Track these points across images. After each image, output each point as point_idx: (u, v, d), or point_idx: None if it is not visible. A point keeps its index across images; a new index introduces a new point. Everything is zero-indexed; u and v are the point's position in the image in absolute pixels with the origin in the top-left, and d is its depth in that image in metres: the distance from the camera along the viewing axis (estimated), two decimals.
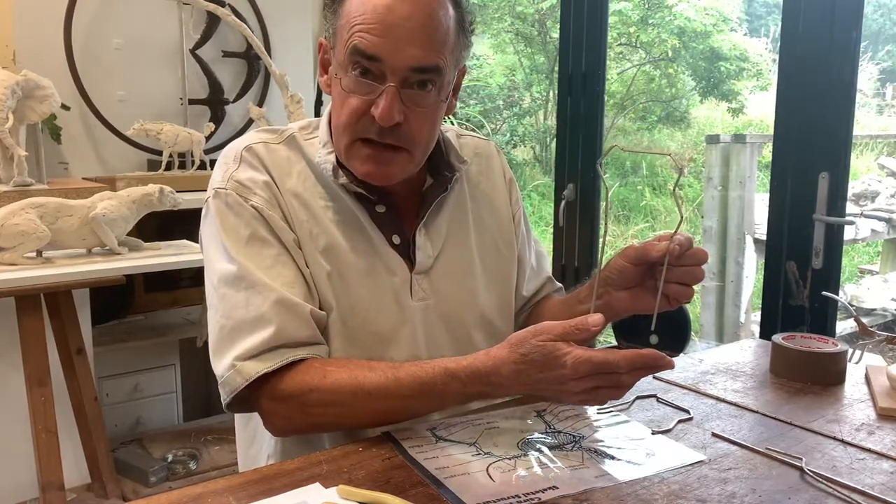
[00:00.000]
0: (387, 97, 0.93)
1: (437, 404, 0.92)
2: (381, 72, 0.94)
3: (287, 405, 0.93)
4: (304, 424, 0.96)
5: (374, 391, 0.90)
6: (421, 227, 1.07)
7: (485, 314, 1.12)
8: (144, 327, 2.87)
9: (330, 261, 1.01)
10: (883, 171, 5.70)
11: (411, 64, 0.94)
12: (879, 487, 0.80)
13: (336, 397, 0.91)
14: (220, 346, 0.96)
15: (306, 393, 0.92)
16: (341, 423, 0.96)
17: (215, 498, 0.77)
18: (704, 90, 8.65)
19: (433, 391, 0.89)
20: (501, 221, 1.18)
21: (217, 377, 0.96)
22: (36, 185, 2.31)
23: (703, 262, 0.97)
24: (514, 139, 8.42)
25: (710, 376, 1.16)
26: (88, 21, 2.68)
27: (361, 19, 0.93)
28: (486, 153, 1.20)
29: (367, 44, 0.93)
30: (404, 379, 0.90)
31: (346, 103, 0.97)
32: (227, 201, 1.00)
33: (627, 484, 0.81)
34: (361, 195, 1.04)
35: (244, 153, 1.03)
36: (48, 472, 2.04)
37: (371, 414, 0.92)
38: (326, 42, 1.02)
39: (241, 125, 3.05)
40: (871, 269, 5.77)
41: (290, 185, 1.03)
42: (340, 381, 0.91)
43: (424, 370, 0.90)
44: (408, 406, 0.91)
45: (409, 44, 0.93)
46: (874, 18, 9.19)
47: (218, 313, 0.97)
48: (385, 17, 0.92)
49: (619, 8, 7.82)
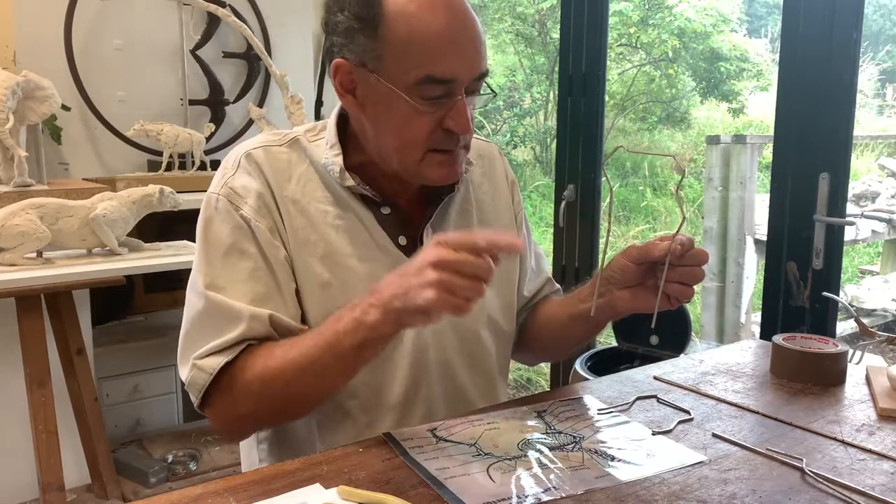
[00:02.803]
0: (462, 110, 0.96)
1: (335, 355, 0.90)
2: (451, 89, 0.95)
3: (231, 394, 0.94)
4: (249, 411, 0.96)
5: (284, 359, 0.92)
6: (428, 228, 1.07)
7: (490, 314, 1.12)
8: (144, 328, 2.87)
9: (328, 268, 1.01)
10: (883, 171, 5.70)
11: (475, 74, 0.96)
12: (880, 488, 0.80)
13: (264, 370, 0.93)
14: (184, 351, 0.98)
15: (241, 373, 0.94)
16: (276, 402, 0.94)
17: (215, 498, 0.77)
18: (704, 91, 8.66)
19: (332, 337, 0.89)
20: (504, 223, 1.19)
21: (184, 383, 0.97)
22: (36, 186, 2.31)
23: (704, 262, 0.98)
24: (514, 140, 8.43)
25: (710, 377, 1.16)
26: (89, 22, 2.68)
27: (426, 45, 0.93)
28: (488, 155, 1.21)
29: (442, 70, 0.94)
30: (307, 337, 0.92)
31: (415, 122, 0.96)
32: (218, 207, 1.00)
33: (628, 485, 0.81)
34: (367, 197, 1.04)
35: (243, 159, 1.03)
36: (48, 473, 2.04)
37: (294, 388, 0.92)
38: (350, 63, 0.97)
39: (241, 126, 3.06)
40: (872, 269, 5.77)
41: (289, 191, 1.02)
42: (263, 355, 0.94)
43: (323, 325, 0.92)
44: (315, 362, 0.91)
45: (472, 56, 0.96)
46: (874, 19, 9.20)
47: (185, 319, 0.99)
48: (449, 38, 0.93)
49: (619, 8, 7.83)
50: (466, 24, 0.95)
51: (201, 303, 0.97)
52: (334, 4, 0.98)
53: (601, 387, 1.11)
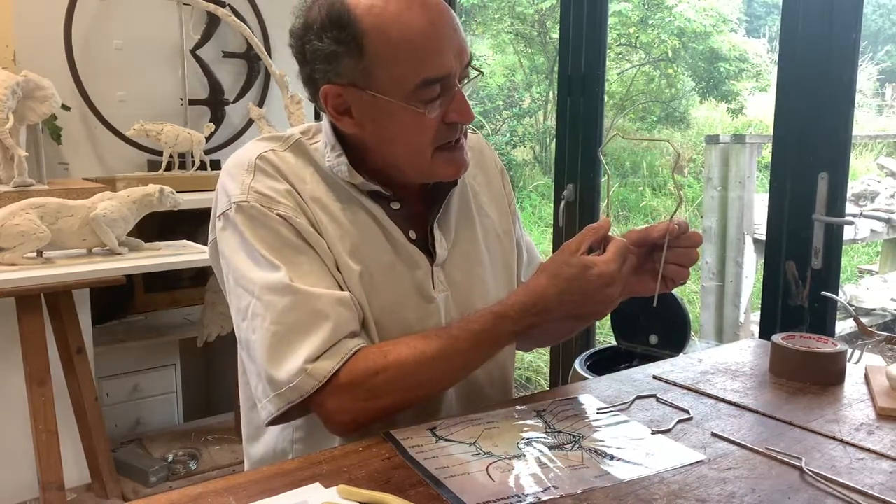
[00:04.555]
0: (462, 100, 0.98)
1: (493, 349, 0.98)
2: (448, 84, 0.96)
3: (353, 396, 0.93)
4: (373, 411, 0.95)
5: (436, 355, 0.94)
6: (436, 221, 1.08)
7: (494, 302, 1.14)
8: (144, 327, 2.88)
9: (357, 261, 1.01)
10: (882, 171, 5.70)
11: (465, 63, 0.98)
12: (879, 487, 0.80)
13: (402, 371, 0.93)
14: (277, 352, 0.94)
15: (372, 377, 0.93)
16: (409, 399, 0.96)
17: (215, 498, 0.78)
18: (704, 91, 8.66)
19: (488, 338, 0.95)
20: (500, 211, 1.21)
21: (277, 385, 0.93)
22: (36, 186, 2.31)
23: (698, 244, 1.03)
24: (513, 139, 8.43)
25: (709, 376, 1.16)
26: (89, 21, 2.68)
27: (415, 49, 0.93)
28: (477, 146, 1.22)
29: (437, 69, 0.95)
30: (459, 335, 0.95)
31: (420, 127, 0.97)
32: (252, 213, 0.98)
33: (627, 484, 0.81)
34: (374, 194, 1.04)
35: (258, 162, 1.01)
36: (48, 472, 2.04)
37: (437, 379, 0.97)
38: (339, 86, 0.97)
39: (240, 125, 3.06)
40: (871, 269, 5.77)
41: (307, 191, 1.02)
42: (402, 356, 0.94)
43: (475, 321, 0.96)
44: (469, 360, 0.97)
45: (459, 45, 0.97)
46: (874, 18, 9.20)
47: (266, 321, 0.95)
48: (435, 35, 0.94)
49: (619, 8, 7.83)
50: (444, 15, 0.95)
51: (286, 298, 0.94)
52: (307, 31, 0.97)
53: (600, 386, 1.11)
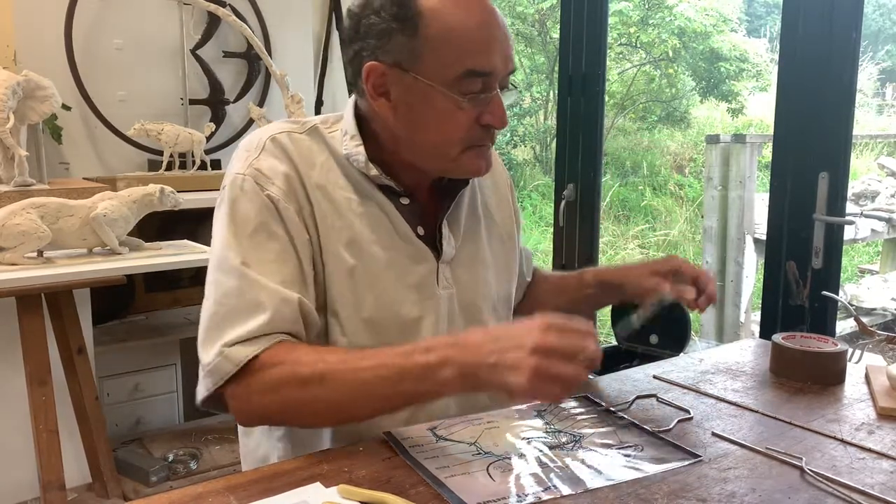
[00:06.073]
0: (500, 104, 0.99)
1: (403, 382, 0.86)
2: (489, 83, 0.97)
3: (250, 387, 0.90)
4: (262, 408, 0.92)
5: (335, 366, 0.88)
6: (446, 218, 1.09)
7: (495, 303, 1.15)
8: (145, 327, 2.87)
9: (353, 254, 1.01)
10: (882, 170, 5.70)
11: (510, 68, 1.00)
12: (879, 487, 0.80)
13: (294, 372, 0.89)
14: (210, 333, 0.94)
15: (269, 369, 0.90)
16: (298, 404, 0.91)
17: (216, 497, 0.78)
18: (704, 90, 8.67)
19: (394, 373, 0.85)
20: (504, 215, 1.22)
21: (203, 367, 0.93)
22: (37, 186, 2.31)
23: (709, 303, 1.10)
24: (514, 139, 8.43)
25: (710, 376, 1.16)
26: (89, 21, 2.68)
27: (466, 40, 0.95)
28: None
29: (482, 63, 0.96)
30: (366, 355, 0.88)
31: (455, 118, 0.98)
32: (244, 187, 0.99)
33: (627, 483, 0.81)
34: (387, 187, 1.05)
35: (268, 142, 1.02)
36: (49, 472, 2.04)
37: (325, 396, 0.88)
38: (384, 65, 0.97)
39: (241, 125, 3.05)
40: (871, 268, 5.78)
41: (314, 177, 1.02)
42: (303, 358, 0.90)
43: (387, 352, 0.87)
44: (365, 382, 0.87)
45: (506, 50, 0.99)
46: (874, 18, 9.20)
47: (209, 300, 0.96)
48: (487, 33, 0.96)
49: (619, 8, 7.83)
50: (498, 19, 0.98)
51: (232, 280, 0.94)
52: (365, 8, 0.98)
53: (601, 386, 1.12)
